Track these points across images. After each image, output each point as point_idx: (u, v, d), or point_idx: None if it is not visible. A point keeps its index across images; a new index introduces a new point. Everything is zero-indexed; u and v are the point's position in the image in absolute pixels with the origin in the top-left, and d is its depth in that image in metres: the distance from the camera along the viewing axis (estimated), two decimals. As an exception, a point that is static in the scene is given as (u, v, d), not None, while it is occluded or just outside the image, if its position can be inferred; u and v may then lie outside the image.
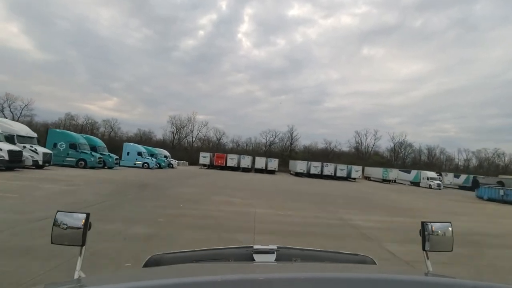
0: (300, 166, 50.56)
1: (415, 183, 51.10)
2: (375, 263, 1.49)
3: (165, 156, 45.86)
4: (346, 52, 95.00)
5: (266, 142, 77.06)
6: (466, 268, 5.88)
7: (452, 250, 1.47)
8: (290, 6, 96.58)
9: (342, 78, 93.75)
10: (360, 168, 50.58)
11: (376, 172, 54.62)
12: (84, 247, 1.29)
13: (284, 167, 64.11)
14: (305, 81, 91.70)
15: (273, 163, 52.18)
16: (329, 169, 50.24)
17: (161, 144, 64.09)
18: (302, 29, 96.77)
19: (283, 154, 70.43)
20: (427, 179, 48.54)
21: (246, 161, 51.31)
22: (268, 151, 72.70)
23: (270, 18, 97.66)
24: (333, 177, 50.89)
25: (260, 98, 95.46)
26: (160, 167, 39.52)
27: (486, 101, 72.90)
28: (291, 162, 59.49)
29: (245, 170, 51.75)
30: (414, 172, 52.83)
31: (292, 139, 76.02)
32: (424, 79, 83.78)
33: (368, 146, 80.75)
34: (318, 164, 50.87)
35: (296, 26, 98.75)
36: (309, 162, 51.44)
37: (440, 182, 47.94)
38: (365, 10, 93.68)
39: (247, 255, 1.38)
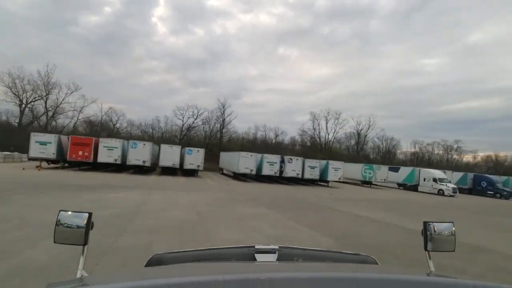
0: (244, 162, 28.04)
1: (410, 187, 34.29)
2: (376, 263, 1.48)
3: None
4: (264, 49, 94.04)
5: (183, 125, 51.87)
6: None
7: (454, 250, 1.45)
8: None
9: (260, 74, 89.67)
10: (340, 165, 31.02)
11: (353, 170, 36.17)
12: (86, 247, 1.28)
13: (212, 163, 40.92)
14: (224, 75, 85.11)
15: (195, 157, 28.40)
16: (294, 167, 29.11)
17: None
18: (221, 21, 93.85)
19: (210, 142, 46.95)
20: (434, 180, 31.91)
21: (141, 152, 26.16)
22: (186, 139, 48.22)
23: (188, 4, 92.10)
24: (300, 180, 30.28)
25: (178, 89, 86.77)
26: None
27: (378, 104, 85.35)
28: (225, 155, 36.65)
29: (142, 169, 26.89)
30: (405, 170, 36.06)
31: (223, 121, 52.43)
32: (332, 81, 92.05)
33: (327, 134, 63.36)
34: (275, 159, 29.27)
35: (215, 17, 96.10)
36: (261, 156, 29.45)
37: (455, 186, 31.79)
38: (282, 11, 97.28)
39: (248, 255, 1.37)
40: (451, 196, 30.25)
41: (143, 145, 26.51)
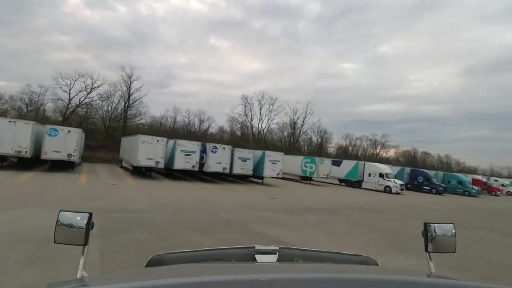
0: (146, 150, 18.94)
1: (353, 183, 29.94)
2: (377, 264, 1.47)
3: None
4: (194, 37, 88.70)
5: (69, 99, 37.23)
6: None
7: (455, 252, 1.44)
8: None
9: (190, 63, 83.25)
10: (279, 157, 24.27)
11: (291, 163, 30.17)
12: (86, 247, 1.27)
13: (113, 152, 30.55)
14: (151, 60, 75.24)
15: (62, 141, 18.01)
16: (219, 158, 21.24)
17: None
18: (148, 1, 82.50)
19: (111, 126, 35.56)
20: (380, 176, 27.92)
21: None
22: (79, 118, 35.55)
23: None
24: (228, 176, 22.65)
25: (94, 71, 71.11)
26: None
27: (302, 102, 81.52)
28: (125, 141, 26.49)
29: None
30: (348, 165, 31.65)
31: (129, 97, 39.69)
32: (262, 76, 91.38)
33: (261, 122, 56.62)
34: (193, 146, 20.87)
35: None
36: (173, 143, 20.75)
37: (402, 182, 28.29)
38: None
39: (249, 256, 1.37)
40: (398, 193, 26.58)
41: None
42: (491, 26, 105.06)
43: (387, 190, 26.86)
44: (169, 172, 21.57)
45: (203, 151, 21.53)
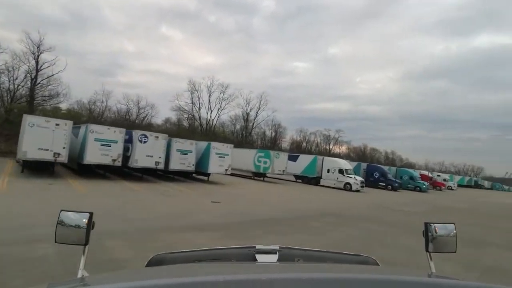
0: (36, 137, 13.37)
1: (311, 180, 27.20)
2: (377, 264, 1.46)
3: None
4: (144, 25, 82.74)
5: None
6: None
7: (455, 252, 1.43)
8: None
9: (139, 52, 76.17)
10: (228, 149, 20.08)
11: (242, 158, 26.32)
12: (87, 247, 1.27)
13: (8, 141, 23.76)
14: (93, 46, 66.69)
15: None
16: (150, 150, 16.40)
17: None
18: None
19: (11, 108, 27.83)
20: (340, 172, 25.49)
21: None
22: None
23: None
24: (167, 173, 17.96)
25: (20, 52, 50.80)
26: None
27: (254, 98, 75.73)
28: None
29: None
30: (305, 160, 28.80)
31: (37, 72, 30.61)
32: (215, 71, 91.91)
33: (210, 111, 51.44)
34: (115, 134, 15.70)
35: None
36: (85, 129, 15.40)
37: (362, 179, 26.21)
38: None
39: (249, 255, 1.36)
40: (358, 191, 24.39)
41: None
42: (425, 37, 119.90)
43: (347, 187, 24.51)
44: (81, 168, 16.11)
45: (129, 140, 16.47)
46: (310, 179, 27.21)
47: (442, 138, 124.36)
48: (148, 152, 16.27)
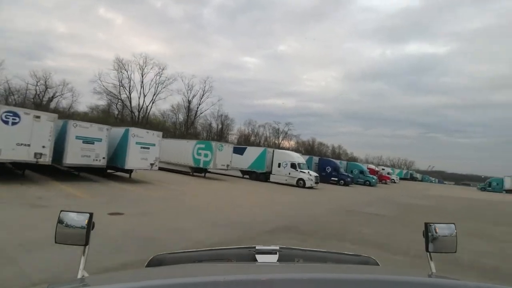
0: None
1: (260, 175, 23.71)
2: (378, 264, 1.46)
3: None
4: (78, 4, 73.19)
5: None
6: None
7: (456, 252, 1.42)
8: None
9: (72, 34, 65.05)
10: (155, 138, 15.35)
11: (178, 150, 21.65)
12: (87, 247, 1.26)
13: None
14: (12, 22, 55.19)
15: None
16: (22, 136, 10.93)
17: None
18: None
19: None
20: (293, 167, 22.42)
21: None
22: None
23: None
24: (66, 171, 12.58)
25: None
26: None
27: (197, 75, 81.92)
28: None
29: None
30: (253, 152, 25.13)
31: None
32: (160, 59, 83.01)
33: (143, 95, 44.38)
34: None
35: None
36: None
37: (317, 174, 23.49)
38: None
39: (249, 256, 1.36)
40: (311, 187, 21.60)
41: None
42: (365, 41, 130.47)
43: (300, 184, 21.55)
44: None
45: (-10, 121, 10.82)
46: (259, 175, 23.71)
47: (377, 135, 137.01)
48: (20, 140, 10.82)
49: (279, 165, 22.93)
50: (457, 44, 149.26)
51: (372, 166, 43.61)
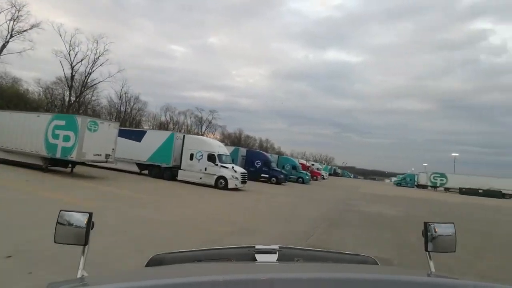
0: None
1: (166, 170, 16.37)
2: (377, 264, 1.45)
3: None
4: None
5: None
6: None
7: (455, 251, 1.39)
8: None
9: None
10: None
11: (21, 129, 12.84)
12: (87, 247, 1.25)
13: None
14: None
15: None
16: None
17: None
18: None
19: None
20: (210, 159, 15.74)
21: None
22: None
23: None
24: None
25: None
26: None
27: (120, 78, 66.80)
28: None
29: None
30: (156, 138, 17.48)
31: None
32: (72, 35, 57.59)
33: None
34: None
35: None
36: None
37: (244, 170, 17.21)
38: None
39: (249, 255, 1.34)
40: (236, 189, 15.35)
41: None
42: (291, 43, 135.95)
43: (221, 184, 15.07)
44: None
45: None
46: (164, 170, 16.41)
47: (301, 132, 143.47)
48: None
49: (191, 157, 15.98)
50: (367, 56, 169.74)
51: (304, 161, 40.20)
